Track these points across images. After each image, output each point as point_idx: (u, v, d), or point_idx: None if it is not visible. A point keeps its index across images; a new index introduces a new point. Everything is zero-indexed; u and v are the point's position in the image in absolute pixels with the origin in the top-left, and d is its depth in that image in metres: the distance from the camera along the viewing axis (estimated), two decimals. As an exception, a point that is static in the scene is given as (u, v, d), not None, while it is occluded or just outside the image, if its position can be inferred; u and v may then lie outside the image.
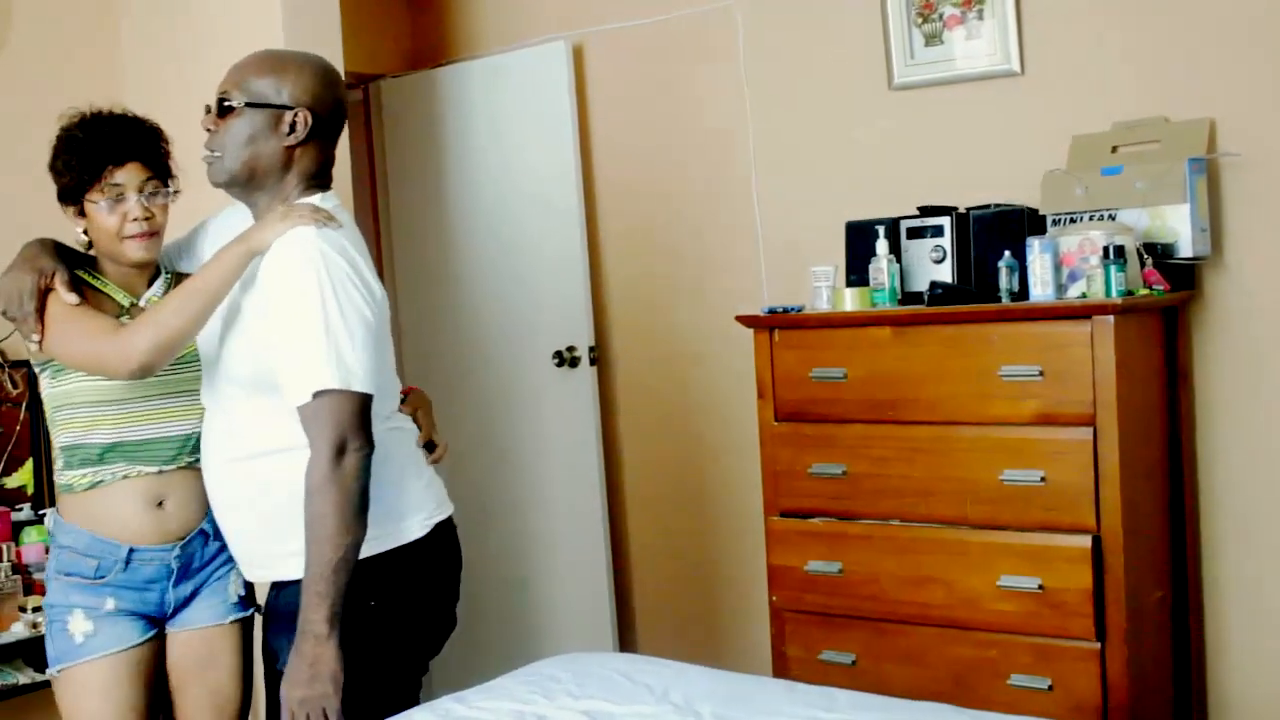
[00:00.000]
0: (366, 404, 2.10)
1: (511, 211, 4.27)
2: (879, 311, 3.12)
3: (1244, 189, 3.09)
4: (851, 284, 3.27)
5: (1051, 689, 2.85)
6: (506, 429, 4.33)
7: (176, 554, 2.39)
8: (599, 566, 4.14)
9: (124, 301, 2.38)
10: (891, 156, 3.59)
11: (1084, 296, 2.88)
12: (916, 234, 3.22)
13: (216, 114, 2.21)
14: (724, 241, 3.96)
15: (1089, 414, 2.80)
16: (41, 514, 3.21)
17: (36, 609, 2.98)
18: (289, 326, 2.09)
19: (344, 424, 2.06)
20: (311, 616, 2.06)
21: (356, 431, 2.08)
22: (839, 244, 3.38)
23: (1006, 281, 2.98)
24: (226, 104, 2.20)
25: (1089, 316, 2.79)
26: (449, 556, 2.39)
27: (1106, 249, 2.84)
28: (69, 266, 2.33)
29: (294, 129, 2.19)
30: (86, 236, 2.37)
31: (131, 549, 2.35)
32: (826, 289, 3.23)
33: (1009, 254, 2.99)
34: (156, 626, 2.43)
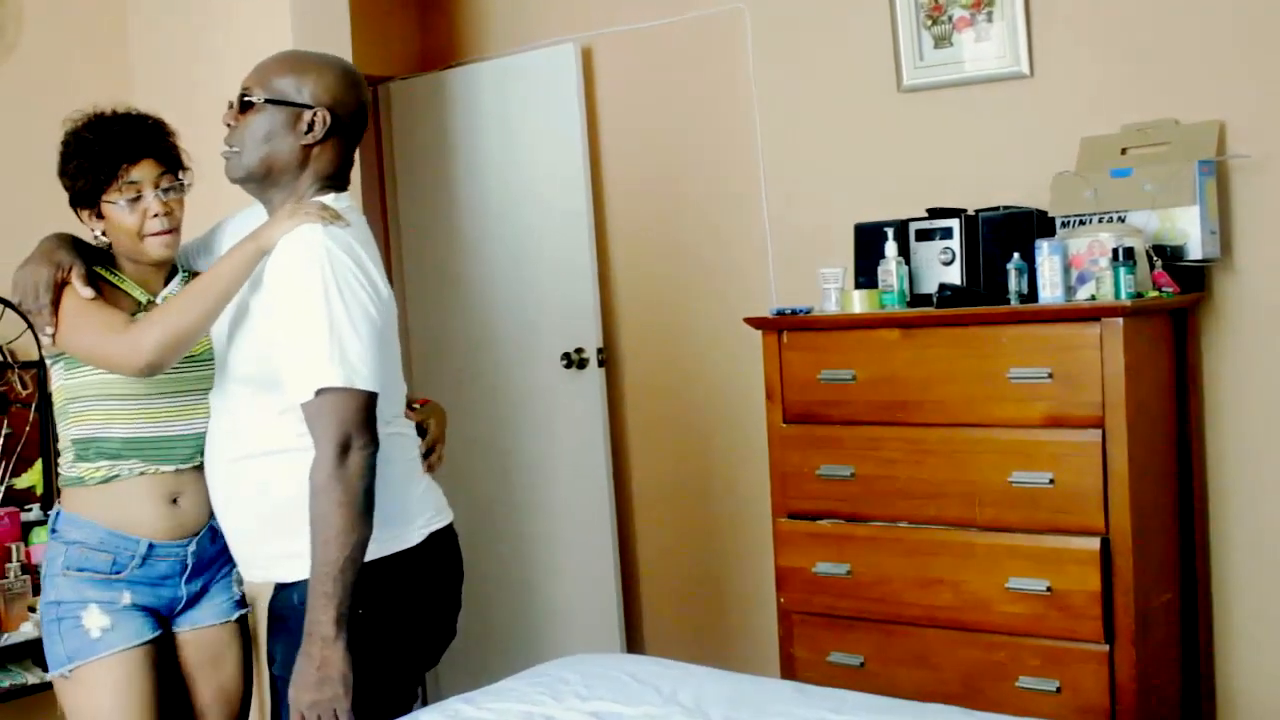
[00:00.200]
0: (371, 402, 2.08)
1: (520, 213, 4.28)
2: (888, 313, 3.12)
3: (1254, 191, 3.09)
4: (860, 286, 3.27)
5: (1060, 691, 2.84)
6: (515, 430, 4.33)
7: (192, 549, 2.39)
8: (607, 568, 4.14)
9: (141, 298, 2.37)
10: (900, 158, 3.59)
11: (1093, 299, 2.88)
12: (925, 236, 3.22)
13: (238, 110, 2.22)
14: (732, 243, 3.95)
15: (1098, 416, 2.79)
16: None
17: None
18: (293, 323, 2.08)
19: (348, 422, 2.04)
20: (318, 618, 2.03)
21: (361, 429, 2.05)
22: (848, 246, 3.38)
23: (1015, 284, 2.98)
24: (247, 100, 2.21)
25: (1098, 319, 2.79)
26: (447, 565, 2.36)
27: (1116, 251, 2.84)
28: (86, 261, 2.33)
29: (312, 128, 2.20)
30: (105, 238, 2.36)
31: (151, 544, 2.34)
32: (835, 291, 3.23)
33: (1018, 256, 2.99)
34: (163, 623, 2.43)
